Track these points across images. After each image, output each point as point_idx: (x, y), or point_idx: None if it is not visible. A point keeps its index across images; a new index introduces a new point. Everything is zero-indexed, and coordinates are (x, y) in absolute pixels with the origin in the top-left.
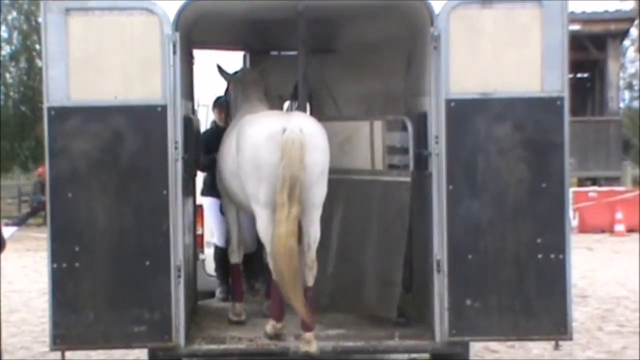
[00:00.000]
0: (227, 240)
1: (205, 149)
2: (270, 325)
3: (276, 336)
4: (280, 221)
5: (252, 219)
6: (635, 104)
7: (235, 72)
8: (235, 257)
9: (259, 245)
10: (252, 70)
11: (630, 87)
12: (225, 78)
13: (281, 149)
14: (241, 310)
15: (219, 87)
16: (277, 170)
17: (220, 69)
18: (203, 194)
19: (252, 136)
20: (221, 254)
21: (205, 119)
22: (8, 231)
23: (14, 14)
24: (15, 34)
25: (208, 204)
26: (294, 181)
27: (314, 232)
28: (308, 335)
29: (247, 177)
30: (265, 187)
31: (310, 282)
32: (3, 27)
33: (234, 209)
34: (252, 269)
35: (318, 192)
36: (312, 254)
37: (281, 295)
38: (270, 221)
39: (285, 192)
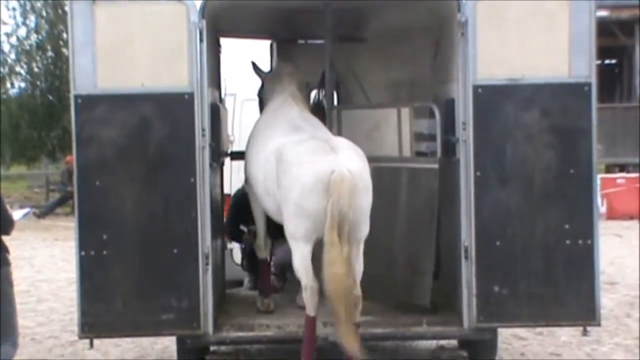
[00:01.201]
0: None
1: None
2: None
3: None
4: (334, 261)
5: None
6: None
7: (270, 71)
8: (262, 252)
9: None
10: (287, 65)
11: None
12: (260, 76)
13: (329, 191)
14: (269, 305)
15: (247, 76)
16: (322, 211)
17: (255, 66)
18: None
19: (299, 178)
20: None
21: (232, 107)
22: (19, 213)
23: (41, 2)
24: (42, 23)
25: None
26: (343, 220)
27: (359, 267)
28: None
29: (288, 215)
30: (307, 226)
31: (358, 317)
32: (31, 16)
33: (261, 207)
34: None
35: (364, 229)
36: (358, 290)
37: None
38: (307, 254)
39: (335, 231)
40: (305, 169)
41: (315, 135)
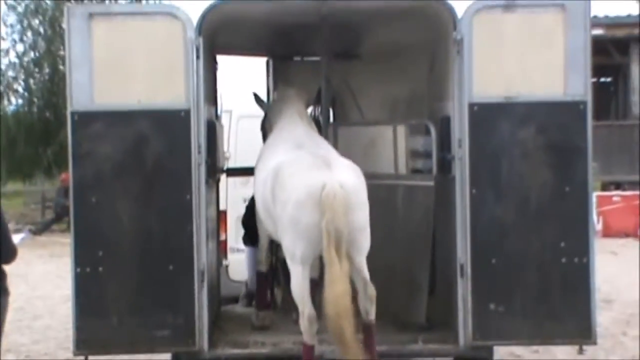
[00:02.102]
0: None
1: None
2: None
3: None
4: (334, 280)
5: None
6: None
7: (268, 102)
8: (262, 266)
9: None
10: (290, 87)
11: None
12: (262, 107)
13: (321, 207)
14: (264, 318)
15: (243, 93)
16: (316, 228)
17: (257, 97)
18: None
19: (292, 192)
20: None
21: (229, 124)
22: (17, 238)
23: (38, 19)
24: (39, 40)
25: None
26: (339, 237)
27: (364, 274)
28: None
29: (284, 231)
30: (303, 244)
31: (373, 315)
32: (29, 33)
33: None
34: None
35: (364, 243)
36: (371, 289)
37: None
38: (305, 278)
39: (332, 248)
40: (298, 183)
41: (314, 152)
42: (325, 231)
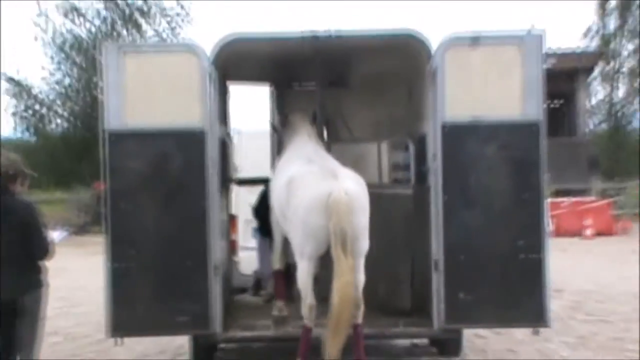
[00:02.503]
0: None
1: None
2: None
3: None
4: (342, 272)
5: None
6: (600, 128)
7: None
8: (277, 264)
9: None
10: (300, 112)
11: (595, 114)
12: (277, 131)
13: (328, 211)
14: (282, 308)
15: (250, 116)
16: (323, 229)
17: (272, 125)
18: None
19: (303, 199)
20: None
21: (238, 141)
22: (58, 236)
23: (79, 55)
24: (80, 72)
25: (261, 242)
26: (344, 237)
27: (360, 276)
28: None
29: (295, 232)
30: (311, 243)
31: (360, 318)
32: (72, 68)
33: (279, 227)
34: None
35: (363, 244)
36: (359, 294)
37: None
38: (310, 272)
39: (339, 246)
40: (308, 191)
41: (322, 165)
42: (332, 232)
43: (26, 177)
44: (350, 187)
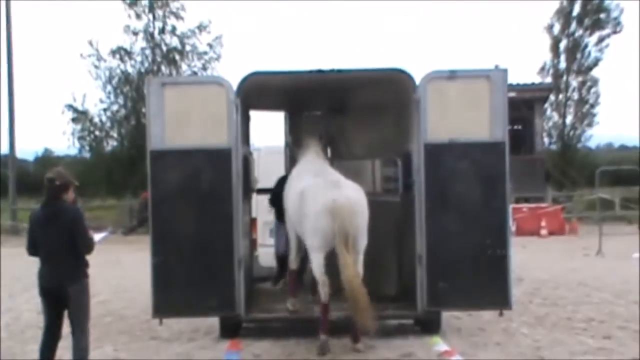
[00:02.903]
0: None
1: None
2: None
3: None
4: (346, 265)
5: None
6: (553, 147)
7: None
8: (293, 265)
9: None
10: (312, 135)
11: (549, 135)
12: (292, 151)
13: (333, 215)
14: (295, 304)
15: (268, 137)
16: (330, 229)
17: (287, 145)
18: (277, 218)
19: (312, 207)
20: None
21: (258, 158)
22: (99, 236)
23: (127, 87)
24: (128, 102)
25: (278, 226)
26: (347, 235)
27: (360, 269)
28: (359, 345)
29: (307, 232)
30: (319, 239)
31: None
32: (120, 98)
33: (295, 231)
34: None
35: (362, 242)
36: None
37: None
38: (321, 261)
39: (342, 244)
40: (316, 200)
41: (327, 179)
42: (337, 232)
43: (74, 186)
44: (351, 195)
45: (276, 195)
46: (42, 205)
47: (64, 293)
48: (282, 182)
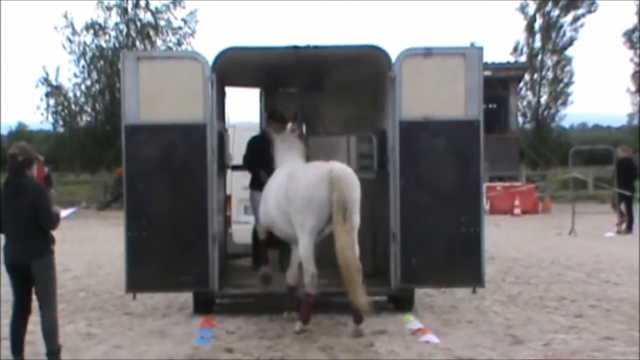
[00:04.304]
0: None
1: (253, 152)
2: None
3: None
4: (341, 235)
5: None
6: (527, 126)
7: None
8: (262, 235)
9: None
10: (294, 134)
11: (524, 114)
12: (272, 137)
13: (330, 184)
14: (267, 270)
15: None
16: (326, 200)
17: (268, 131)
18: (251, 187)
19: (305, 178)
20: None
21: (232, 134)
22: (66, 212)
23: (102, 62)
24: (102, 77)
25: (253, 195)
26: (345, 205)
27: (356, 245)
28: (360, 328)
29: (297, 211)
30: (313, 216)
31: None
32: (94, 73)
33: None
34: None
35: (356, 218)
36: (357, 257)
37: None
38: (311, 245)
39: (340, 213)
40: (308, 172)
41: (316, 162)
42: (335, 201)
43: (38, 162)
44: (345, 167)
45: (250, 157)
46: (5, 181)
47: (29, 269)
48: (256, 141)
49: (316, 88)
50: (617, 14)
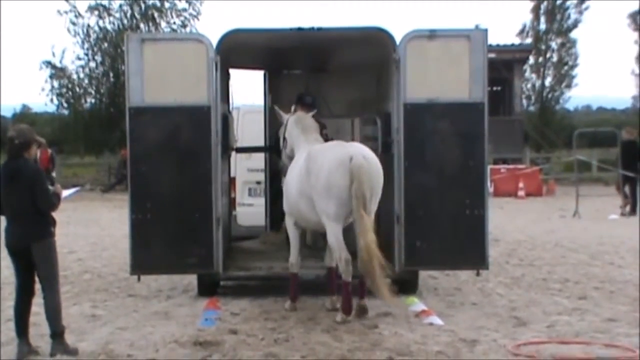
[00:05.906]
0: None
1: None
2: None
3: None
4: (364, 231)
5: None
6: (531, 108)
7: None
8: (295, 268)
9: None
10: (308, 115)
11: (528, 97)
12: (281, 119)
13: (350, 175)
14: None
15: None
16: (346, 190)
17: (277, 112)
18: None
19: (324, 163)
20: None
21: (237, 116)
22: (69, 191)
23: (106, 44)
24: (106, 59)
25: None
26: (364, 199)
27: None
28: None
29: (319, 196)
30: (334, 203)
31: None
32: (99, 55)
33: (296, 229)
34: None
35: (375, 205)
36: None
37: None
38: (339, 232)
39: (360, 208)
40: (328, 156)
41: (334, 142)
42: (354, 196)
43: (37, 144)
44: (367, 152)
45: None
46: (4, 164)
47: (29, 252)
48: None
49: (321, 70)
50: None
